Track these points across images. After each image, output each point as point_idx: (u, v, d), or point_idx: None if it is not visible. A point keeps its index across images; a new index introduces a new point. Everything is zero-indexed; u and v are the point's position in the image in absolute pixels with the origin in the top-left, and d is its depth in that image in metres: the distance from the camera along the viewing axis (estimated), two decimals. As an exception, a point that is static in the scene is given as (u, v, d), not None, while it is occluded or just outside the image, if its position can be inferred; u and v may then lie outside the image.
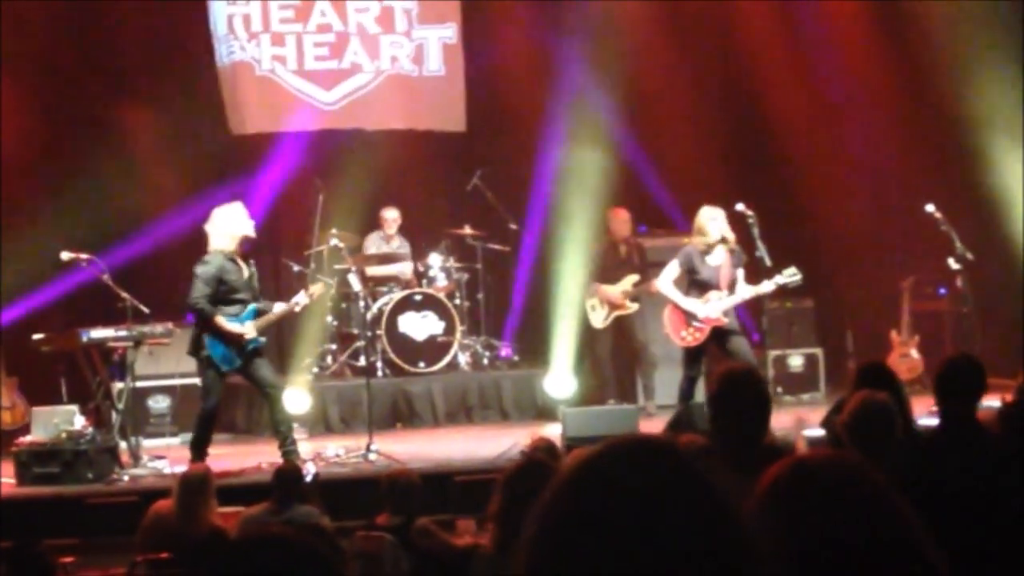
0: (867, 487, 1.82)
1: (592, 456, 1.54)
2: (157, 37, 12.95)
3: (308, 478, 9.11)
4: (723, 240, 9.97)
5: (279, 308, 9.73)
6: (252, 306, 9.45)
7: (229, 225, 9.39)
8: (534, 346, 13.15)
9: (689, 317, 10.00)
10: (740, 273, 10.09)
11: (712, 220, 9.95)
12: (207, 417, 9.47)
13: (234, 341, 9.32)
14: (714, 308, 9.91)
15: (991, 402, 5.49)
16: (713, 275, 9.98)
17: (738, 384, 4.51)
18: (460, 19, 13.68)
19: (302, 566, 1.94)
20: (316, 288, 10.04)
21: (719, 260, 10.00)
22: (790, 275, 10.00)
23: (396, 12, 13.62)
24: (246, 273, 9.48)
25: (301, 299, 9.74)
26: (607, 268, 12.22)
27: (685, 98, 13.61)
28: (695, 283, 10.06)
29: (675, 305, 10.09)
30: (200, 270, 9.31)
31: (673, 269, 10.14)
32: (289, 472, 7.44)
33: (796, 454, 2.63)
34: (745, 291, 10.02)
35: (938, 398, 5.04)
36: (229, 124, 13.13)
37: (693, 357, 10.10)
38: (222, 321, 9.29)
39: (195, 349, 9.44)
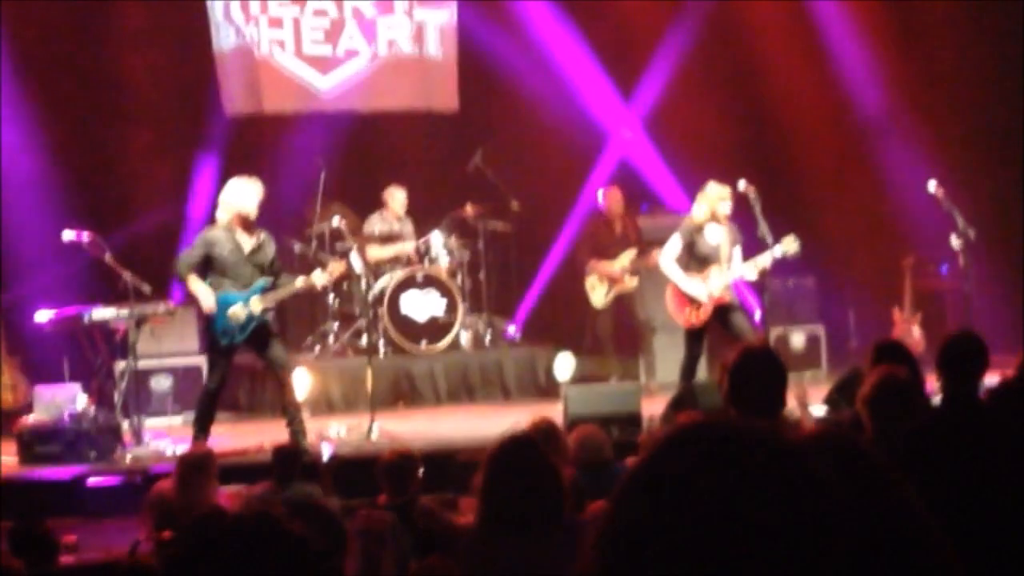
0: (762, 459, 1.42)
1: (671, 448, 1.41)
2: (157, 20, 12.93)
3: (325, 458, 9.11)
4: (715, 218, 9.89)
5: (294, 284, 9.59)
6: (260, 282, 9.33)
7: (231, 198, 9.35)
8: (542, 325, 13.16)
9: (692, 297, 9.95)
10: (737, 250, 10.00)
11: (711, 197, 9.87)
12: (209, 394, 9.44)
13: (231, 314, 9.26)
14: (716, 285, 9.84)
15: (991, 379, 5.46)
16: (713, 251, 9.92)
17: (756, 362, 4.49)
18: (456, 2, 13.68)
19: (263, 548, 1.93)
20: (335, 267, 9.77)
21: (719, 236, 9.93)
22: (789, 244, 9.88)
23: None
24: (248, 247, 9.35)
25: (319, 278, 9.64)
26: (604, 245, 12.20)
27: (688, 77, 13.58)
28: (695, 258, 9.99)
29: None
30: (196, 237, 9.38)
31: (675, 245, 10.00)
32: (288, 451, 7.44)
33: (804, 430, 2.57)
34: (744, 267, 9.91)
35: (939, 375, 5.00)
36: (225, 106, 13.10)
37: (696, 335, 10.05)
38: (194, 282, 9.22)
39: (205, 325, 9.43)
